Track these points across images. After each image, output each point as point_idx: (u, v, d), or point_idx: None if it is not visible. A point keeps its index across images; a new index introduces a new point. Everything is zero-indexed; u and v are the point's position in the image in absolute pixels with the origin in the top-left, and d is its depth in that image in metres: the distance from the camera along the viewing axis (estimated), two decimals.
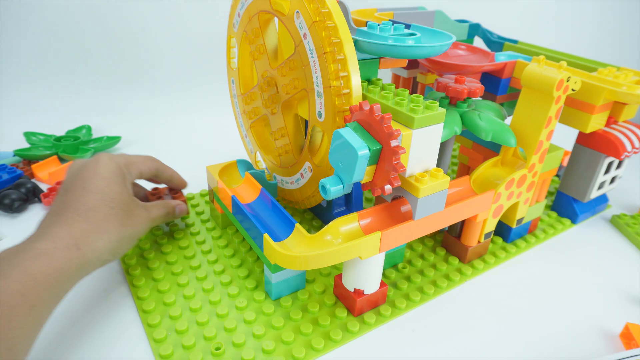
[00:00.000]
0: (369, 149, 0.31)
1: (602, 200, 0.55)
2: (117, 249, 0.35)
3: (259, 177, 0.46)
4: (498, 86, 0.48)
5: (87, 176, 0.35)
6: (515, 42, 0.63)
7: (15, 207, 0.49)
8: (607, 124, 0.48)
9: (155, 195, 0.47)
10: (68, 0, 0.86)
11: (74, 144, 0.61)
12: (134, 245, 0.37)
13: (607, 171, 0.51)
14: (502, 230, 0.48)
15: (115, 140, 0.66)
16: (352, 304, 0.37)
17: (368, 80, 0.41)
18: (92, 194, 0.34)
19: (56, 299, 0.30)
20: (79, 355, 0.33)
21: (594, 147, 0.48)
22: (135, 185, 0.44)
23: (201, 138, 0.71)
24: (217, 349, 0.33)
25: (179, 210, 0.44)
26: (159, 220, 0.41)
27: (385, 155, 0.31)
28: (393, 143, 0.31)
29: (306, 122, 0.44)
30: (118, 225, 0.34)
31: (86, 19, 0.87)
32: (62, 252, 0.30)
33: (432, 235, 0.48)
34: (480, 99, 0.48)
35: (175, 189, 0.47)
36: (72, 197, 0.34)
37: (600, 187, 0.52)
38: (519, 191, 0.43)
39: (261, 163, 0.54)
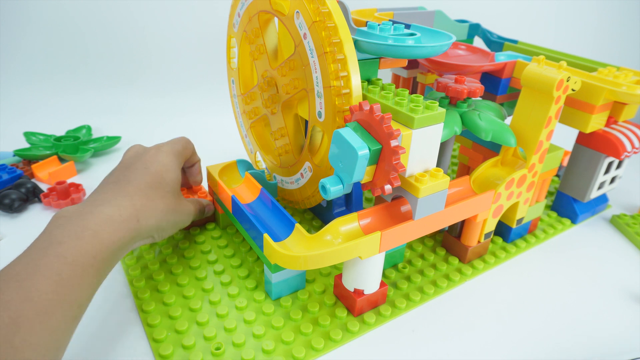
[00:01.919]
0: (369, 149, 0.31)
1: (602, 200, 0.55)
2: (163, 230, 0.37)
3: (259, 177, 0.46)
4: (498, 86, 0.48)
5: (149, 160, 0.37)
6: (515, 42, 0.63)
7: (15, 207, 0.49)
8: (607, 124, 0.48)
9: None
10: (68, 0, 0.86)
11: (74, 144, 0.61)
12: (175, 231, 0.39)
13: (607, 171, 0.51)
14: (502, 230, 0.48)
15: (115, 140, 0.66)
16: (352, 304, 0.37)
17: (368, 80, 0.41)
18: (153, 175, 0.36)
19: (111, 266, 0.31)
20: (79, 355, 0.33)
21: (594, 147, 0.48)
22: None
23: (201, 138, 0.71)
24: (217, 349, 0.33)
25: (208, 210, 0.46)
26: (194, 216, 0.42)
27: (385, 155, 0.31)
28: (393, 143, 0.31)
29: (306, 122, 0.44)
30: (171, 208, 0.37)
31: (86, 19, 0.87)
32: (126, 222, 0.32)
33: (432, 235, 0.48)
34: (480, 99, 0.48)
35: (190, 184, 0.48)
36: (135, 174, 0.36)
37: (600, 187, 0.52)
38: (519, 191, 0.43)
39: (261, 163, 0.54)
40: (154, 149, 0.39)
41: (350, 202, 0.45)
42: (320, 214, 0.50)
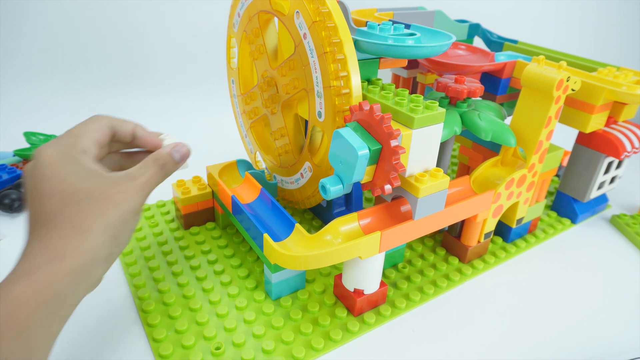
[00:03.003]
0: (369, 149, 0.31)
1: (602, 200, 0.55)
2: (114, 238, 0.28)
3: (259, 177, 0.46)
4: (498, 86, 0.48)
5: (36, 182, 0.29)
6: (515, 42, 0.63)
7: (15, 207, 0.49)
8: (607, 124, 0.48)
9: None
10: (68, 0, 0.86)
11: None
12: (137, 221, 0.30)
13: (607, 171, 0.51)
14: (502, 230, 0.48)
15: None
16: (352, 304, 0.37)
17: (368, 80, 0.41)
18: (49, 198, 0.28)
19: (55, 318, 0.26)
20: (79, 355, 0.33)
21: (594, 147, 0.48)
22: (118, 155, 0.36)
23: (201, 138, 0.71)
24: (217, 348, 0.33)
25: (180, 155, 0.32)
26: (155, 181, 0.31)
27: (385, 155, 0.31)
28: (393, 143, 0.31)
29: (306, 122, 0.44)
30: (97, 215, 0.28)
31: (86, 19, 0.87)
32: (43, 267, 0.26)
33: (432, 235, 0.48)
34: (480, 99, 0.48)
35: (150, 150, 0.34)
36: (33, 210, 0.29)
37: (600, 187, 0.52)
38: (519, 191, 0.43)
39: (261, 163, 0.54)
40: (34, 162, 0.29)
41: (350, 202, 0.45)
42: (320, 214, 0.50)
